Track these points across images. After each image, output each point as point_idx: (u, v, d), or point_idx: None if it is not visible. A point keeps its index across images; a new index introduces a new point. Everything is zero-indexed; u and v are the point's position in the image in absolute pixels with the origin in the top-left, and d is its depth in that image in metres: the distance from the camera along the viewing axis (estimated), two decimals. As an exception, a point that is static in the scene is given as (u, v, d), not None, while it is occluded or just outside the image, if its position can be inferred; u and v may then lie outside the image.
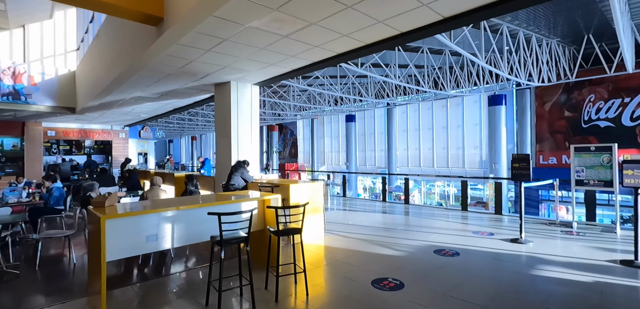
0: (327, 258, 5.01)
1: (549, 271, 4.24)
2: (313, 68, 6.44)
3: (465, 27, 8.54)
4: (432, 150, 21.72)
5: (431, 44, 12.19)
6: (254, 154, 7.60)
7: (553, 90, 16.84)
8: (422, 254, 5.03)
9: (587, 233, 5.96)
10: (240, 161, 6.62)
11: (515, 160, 5.63)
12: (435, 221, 7.32)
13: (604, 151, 6.17)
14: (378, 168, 24.09)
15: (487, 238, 5.82)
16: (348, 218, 8.03)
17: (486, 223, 7.04)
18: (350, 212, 9.02)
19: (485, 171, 18.99)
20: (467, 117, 20.27)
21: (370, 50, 5.38)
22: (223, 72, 6.67)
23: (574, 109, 16.43)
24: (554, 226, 6.54)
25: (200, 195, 5.62)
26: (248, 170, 6.67)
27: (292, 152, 31.21)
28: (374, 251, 5.24)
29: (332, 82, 15.69)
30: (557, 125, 16.98)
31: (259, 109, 7.86)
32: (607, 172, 6.10)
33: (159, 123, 26.01)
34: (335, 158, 27.75)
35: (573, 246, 5.27)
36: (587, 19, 11.32)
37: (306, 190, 5.97)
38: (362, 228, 6.79)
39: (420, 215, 8.27)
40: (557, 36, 12.85)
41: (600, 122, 15.81)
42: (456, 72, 15.52)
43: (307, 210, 6.06)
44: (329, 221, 7.39)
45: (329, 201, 10.68)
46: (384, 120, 23.74)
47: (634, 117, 14.93)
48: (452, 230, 6.52)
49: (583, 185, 6.40)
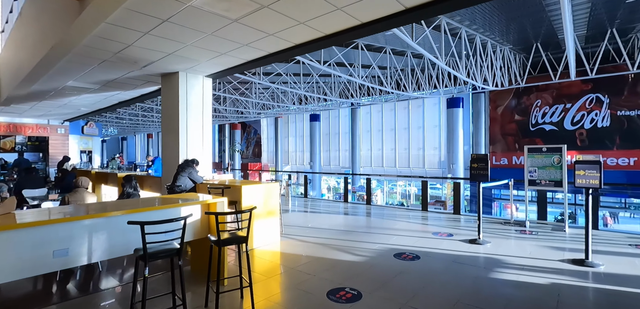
0: (282, 266, 4.55)
1: (507, 273, 4.12)
2: (270, 59, 5.95)
3: (426, 28, 8.48)
4: (394, 151, 22.01)
5: (394, 44, 12.16)
6: (205, 153, 6.94)
7: (505, 95, 17.68)
8: (382, 259, 4.74)
9: (539, 232, 6.04)
10: (188, 161, 5.95)
11: (474, 161, 5.55)
12: (396, 223, 7.13)
13: (555, 152, 6.30)
14: (342, 168, 24.00)
15: (447, 239, 5.68)
16: (308, 220, 7.62)
17: (445, 224, 6.96)
18: (311, 214, 8.62)
19: (443, 172, 19.53)
20: (427, 118, 20.76)
21: (330, 41, 5.00)
22: (169, 61, 5.96)
23: (523, 113, 17.35)
24: (508, 226, 6.59)
25: (137, 199, 4.90)
26: (197, 170, 6.02)
27: (256, 151, 30.30)
28: (333, 257, 4.86)
29: (295, 80, 15.23)
30: (508, 128, 17.85)
31: (211, 104, 7.20)
32: (557, 172, 6.24)
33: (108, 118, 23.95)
34: (299, 158, 27.30)
35: (527, 245, 5.27)
36: (535, 28, 11.86)
37: (260, 191, 5.47)
38: (321, 232, 6.40)
39: (382, 216, 8.06)
40: (509, 43, 13.40)
41: (545, 125, 16.83)
42: (417, 74, 15.73)
43: (262, 213, 5.59)
44: (288, 224, 6.92)
45: (290, 202, 10.22)
46: (348, 120, 23.69)
47: (574, 121, 16.04)
48: (413, 231, 6.34)
49: (535, 185, 6.51)
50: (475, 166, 5.51)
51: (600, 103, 15.40)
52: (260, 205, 5.42)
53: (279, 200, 6.30)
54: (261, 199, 5.46)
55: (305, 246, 5.41)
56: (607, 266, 4.26)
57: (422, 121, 20.92)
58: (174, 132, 6.62)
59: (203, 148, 6.86)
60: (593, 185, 4.33)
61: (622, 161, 14.81)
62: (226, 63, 6.22)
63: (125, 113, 22.10)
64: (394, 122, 22.00)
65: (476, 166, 5.50)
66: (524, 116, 17.32)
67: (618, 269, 4.19)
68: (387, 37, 11.29)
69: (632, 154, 14.59)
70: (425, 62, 14.75)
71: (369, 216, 8.02)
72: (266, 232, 5.51)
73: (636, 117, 14.68)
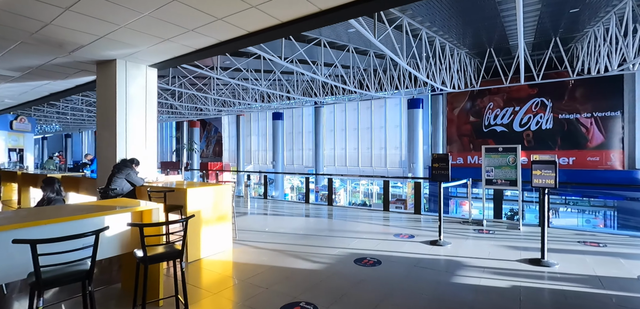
0: (232, 279, 4.04)
1: (469, 277, 3.95)
2: (223, 48, 5.36)
3: (389, 27, 8.33)
4: (357, 150, 22.05)
5: (357, 43, 11.97)
6: (149, 152, 6.17)
7: (461, 98, 18.35)
8: (341, 265, 4.39)
9: (496, 231, 6.06)
10: (125, 161, 5.20)
11: (435, 160, 5.40)
12: (357, 224, 6.85)
13: (510, 152, 6.38)
14: (306, 167, 23.63)
15: (408, 241, 5.49)
16: (266, 223, 7.11)
17: (407, 224, 6.81)
18: (270, 216, 8.11)
19: (404, 171, 19.87)
20: (389, 119, 21.01)
21: (287, 29, 4.55)
22: (102, 46, 5.16)
23: (477, 115, 18.12)
24: (467, 225, 6.58)
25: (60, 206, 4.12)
26: (137, 171, 5.29)
27: (216, 150, 28.98)
28: (289, 265, 4.43)
29: (257, 77, 14.57)
30: (463, 129, 18.56)
31: (156, 97, 6.43)
32: (512, 172, 6.32)
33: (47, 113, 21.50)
34: (262, 157, 26.50)
35: (486, 245, 5.21)
36: (489, 34, 12.30)
37: (209, 194, 4.88)
38: (279, 236, 5.94)
39: (344, 217, 7.77)
40: (466, 47, 13.81)
41: (497, 127, 17.70)
42: (380, 74, 15.76)
43: (211, 218, 5.00)
44: (244, 228, 6.37)
45: (249, 204, 9.62)
46: (311, 119, 23.36)
47: (522, 123, 17.02)
48: (374, 233, 6.09)
49: (492, 184, 6.56)
50: (437, 166, 5.36)
51: (544, 107, 16.47)
52: (209, 209, 4.85)
53: (232, 203, 5.75)
54: (210, 203, 4.88)
55: (260, 254, 4.92)
56: (561, 265, 4.26)
57: (384, 121, 21.14)
58: (111, 127, 5.79)
59: (146, 146, 6.09)
60: (549, 185, 4.31)
61: (563, 161, 15.93)
62: (172, 52, 5.53)
63: (67, 108, 19.95)
64: (357, 121, 22.03)
65: (437, 166, 5.35)
66: (478, 118, 18.09)
67: (572, 268, 4.20)
68: (351, 35, 11.06)
69: (571, 154, 15.74)
70: (387, 62, 14.81)
71: (330, 218, 7.69)
72: (216, 239, 4.94)
73: (575, 120, 15.87)
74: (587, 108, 15.53)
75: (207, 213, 4.82)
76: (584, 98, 15.60)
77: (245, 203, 9.74)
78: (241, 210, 8.76)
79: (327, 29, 10.23)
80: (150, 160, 6.18)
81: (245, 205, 9.58)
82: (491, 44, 13.53)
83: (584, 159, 15.36)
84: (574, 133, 15.78)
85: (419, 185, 7.78)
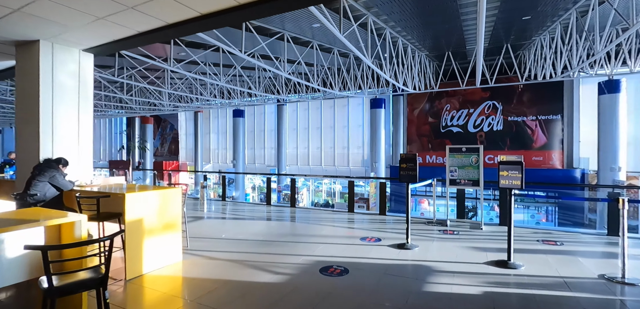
0: (180, 298, 3.44)
1: (440, 284, 3.73)
2: (173, 33, 4.69)
3: (354, 23, 8.06)
4: (320, 149, 21.79)
5: (321, 39, 11.63)
6: (84, 151, 5.29)
7: (420, 99, 18.81)
8: (306, 276, 3.97)
9: (460, 231, 6.01)
10: (49, 161, 4.34)
11: (403, 161, 5.17)
12: (322, 227, 6.48)
13: (473, 152, 6.38)
14: (268, 167, 22.90)
15: (375, 245, 5.21)
16: (223, 229, 6.49)
17: (372, 227, 6.57)
18: (228, 220, 7.47)
19: (367, 170, 19.96)
20: (351, 118, 20.99)
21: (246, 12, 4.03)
22: (20, 22, 4.25)
23: (435, 116, 18.68)
24: (432, 226, 6.49)
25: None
26: (65, 172, 4.44)
27: (172, 149, 27.18)
28: (247, 278, 3.92)
29: (216, 71, 13.66)
30: (423, 129, 19.05)
31: (92, 88, 5.53)
32: (475, 172, 6.33)
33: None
34: (222, 156, 25.27)
35: (453, 247, 5.09)
36: (448, 37, 12.61)
37: (154, 200, 4.21)
38: (237, 244, 5.38)
39: (307, 220, 7.36)
40: (426, 49, 14.07)
41: (453, 128, 18.39)
42: (343, 73, 15.59)
43: (156, 227, 4.30)
44: (197, 236, 5.71)
45: (205, 207, 8.86)
46: (274, 117, 22.68)
47: (476, 124, 17.82)
48: (340, 237, 5.75)
49: (456, 184, 6.53)
50: (405, 167, 5.14)
51: (495, 109, 17.37)
52: (154, 217, 4.17)
53: (183, 208, 5.09)
54: (155, 209, 4.21)
55: (214, 266, 4.35)
56: (527, 267, 4.21)
57: (346, 120, 21.09)
58: (33, 121, 4.84)
59: (79, 144, 5.20)
60: (515, 186, 4.25)
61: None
62: (111, 34, 4.73)
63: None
64: (320, 120, 21.76)
65: (405, 167, 5.14)
66: (436, 119, 18.65)
67: (537, 269, 4.16)
68: (315, 31, 10.68)
69: (518, 154, 16.70)
70: (351, 61, 14.66)
71: (293, 221, 7.24)
72: (163, 251, 4.28)
73: (522, 123, 16.91)
74: (533, 112, 16.62)
75: (152, 221, 4.14)
76: (530, 102, 16.68)
77: (201, 206, 8.97)
78: (197, 213, 8.01)
79: (290, 23, 9.76)
80: (85, 159, 5.29)
81: (201, 208, 8.81)
82: (449, 47, 13.92)
83: (529, 159, 16.39)
84: (521, 135, 16.83)
85: (384, 185, 7.60)
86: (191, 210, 8.46)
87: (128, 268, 3.90)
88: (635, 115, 14.25)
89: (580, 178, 15.36)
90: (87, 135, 5.31)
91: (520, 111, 16.92)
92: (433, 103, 18.67)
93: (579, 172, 15.55)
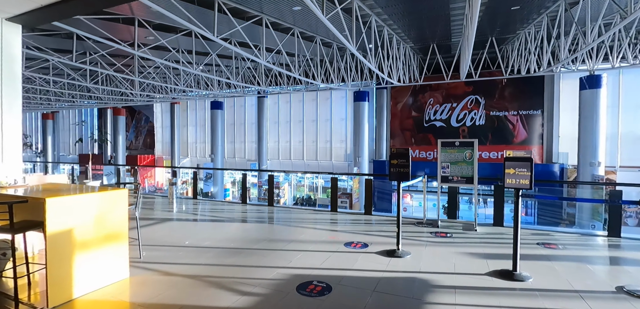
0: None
1: (441, 305, 3.06)
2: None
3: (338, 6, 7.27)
4: (302, 143, 20.98)
5: (302, 26, 10.77)
6: (9, 144, 4.27)
7: (404, 92, 18.30)
8: (280, 297, 3.21)
9: (453, 234, 5.41)
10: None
11: (394, 156, 4.47)
12: (302, 230, 5.73)
13: (467, 147, 5.79)
14: (248, 161, 21.89)
15: (362, 252, 4.51)
16: (189, 233, 5.62)
17: (358, 229, 5.88)
18: (197, 223, 6.59)
19: (349, 164, 19.34)
20: (334, 111, 20.27)
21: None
22: None
23: (418, 110, 18.23)
24: (422, 227, 5.86)
25: None
26: (-25, 170, 3.45)
27: (148, 142, 25.62)
28: (208, 302, 3.12)
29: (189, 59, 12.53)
30: (406, 124, 18.57)
31: (21, 66, 4.50)
32: (469, 168, 5.74)
33: None
34: (201, 150, 24.00)
35: (448, 254, 4.46)
36: (433, 28, 12.07)
37: (88, 205, 3.31)
38: (202, 253, 4.54)
39: (286, 221, 6.59)
40: (411, 40, 13.47)
41: (436, 122, 18.00)
42: (326, 64, 14.81)
43: (93, 239, 3.40)
44: (156, 243, 4.83)
45: (175, 206, 7.93)
46: (254, 110, 21.64)
47: (459, 119, 17.50)
48: (322, 242, 5.02)
49: (447, 181, 5.92)
50: (396, 163, 4.44)
51: (478, 104, 17.09)
52: (90, 226, 3.29)
53: (136, 211, 4.20)
54: (92, 216, 3.32)
55: (169, 284, 3.51)
56: (535, 278, 3.62)
57: (329, 114, 20.35)
58: (-64, 105, 3.80)
59: (2, 134, 4.18)
60: (523, 186, 3.63)
61: (493, 155, 16.70)
62: (38, -1, 3.74)
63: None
64: (302, 113, 20.91)
65: (396, 163, 4.44)
66: (419, 113, 18.21)
67: (546, 281, 3.58)
68: (296, 16, 9.82)
69: (500, 149, 16.54)
70: (334, 51, 13.88)
71: (270, 223, 6.44)
72: (103, 267, 3.41)
73: (503, 117, 16.72)
74: (514, 107, 16.44)
75: (86, 232, 3.26)
76: (511, 97, 16.48)
77: (170, 205, 8.01)
78: (163, 214, 7.07)
79: (269, 5, 8.86)
80: (11, 152, 4.28)
81: (170, 207, 7.86)
82: (435, 39, 13.39)
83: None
84: (503, 130, 16.64)
85: (370, 183, 6.90)
86: (159, 210, 7.51)
87: (51, 292, 3.00)
88: (612, 110, 14.27)
89: (560, 172, 15.32)
90: (14, 123, 4.29)
91: (502, 106, 16.71)
92: (417, 97, 18.21)
93: (557, 167, 15.51)
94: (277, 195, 18.53)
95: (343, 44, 13.44)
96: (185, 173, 20.57)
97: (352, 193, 16.48)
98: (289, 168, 20.75)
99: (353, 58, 14.89)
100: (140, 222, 5.97)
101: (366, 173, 17.07)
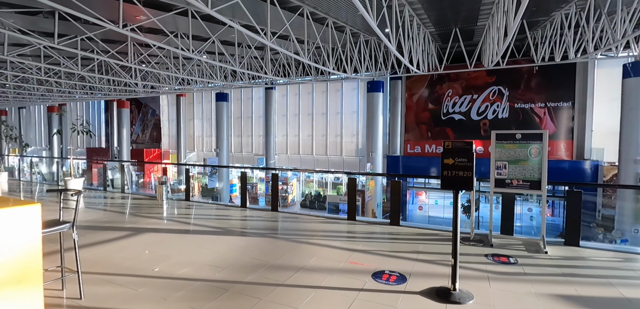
0: None
1: None
2: None
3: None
4: (312, 137, 19.48)
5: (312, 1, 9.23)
6: None
7: (420, 84, 16.60)
8: None
9: (518, 258, 3.88)
10: None
11: (449, 153, 2.91)
12: (312, 249, 4.27)
13: (533, 140, 4.23)
14: (255, 156, 20.52)
15: (400, 289, 3.03)
16: (165, 253, 4.20)
17: (386, 248, 4.39)
18: (180, 236, 5.19)
19: (361, 159, 17.80)
20: (345, 104, 18.69)
21: None
22: None
23: (435, 102, 16.52)
24: (470, 245, 4.34)
25: None
26: None
27: (154, 136, 24.49)
28: None
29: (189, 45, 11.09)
30: (422, 116, 16.88)
31: None
32: (536, 169, 4.18)
33: None
34: (207, 144, 22.74)
35: (528, 297, 2.95)
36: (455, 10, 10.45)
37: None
38: (171, 290, 3.11)
39: (293, 234, 5.15)
40: (431, 23, 11.81)
41: (455, 115, 16.28)
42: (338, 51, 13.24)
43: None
44: (111, 272, 3.42)
45: (165, 210, 6.56)
46: (262, 102, 20.20)
47: (479, 112, 15.77)
48: (341, 272, 3.54)
49: (504, 186, 4.37)
50: (451, 164, 2.90)
51: (501, 95, 15.31)
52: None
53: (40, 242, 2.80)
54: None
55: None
56: None
57: (340, 106, 18.78)
58: None
59: None
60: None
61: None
62: None
63: None
64: (311, 106, 19.39)
65: (453, 164, 2.90)
66: (437, 105, 16.51)
67: None
68: (305, -11, 8.27)
69: (526, 144, 14.76)
70: (347, 36, 12.29)
71: (273, 237, 4.99)
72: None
73: (529, 110, 14.93)
74: (542, 98, 14.64)
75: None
76: (539, 88, 14.68)
77: (158, 209, 6.66)
78: (145, 223, 5.70)
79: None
80: None
81: (157, 211, 6.50)
82: (457, 23, 11.71)
83: (538, 149, 14.46)
84: (529, 123, 14.85)
85: (398, 185, 5.36)
86: (142, 215, 6.16)
87: None
88: (658, 101, 12.36)
89: (593, 170, 13.53)
90: None
91: (527, 97, 14.92)
92: (433, 89, 16.50)
93: (589, 164, 13.72)
94: (285, 192, 17.12)
95: (356, 29, 11.87)
96: (194, 168, 19.33)
97: (364, 190, 14.92)
98: (297, 162, 19.33)
99: (367, 45, 13.29)
100: (111, 233, 4.60)
101: (380, 172, 15.47)
